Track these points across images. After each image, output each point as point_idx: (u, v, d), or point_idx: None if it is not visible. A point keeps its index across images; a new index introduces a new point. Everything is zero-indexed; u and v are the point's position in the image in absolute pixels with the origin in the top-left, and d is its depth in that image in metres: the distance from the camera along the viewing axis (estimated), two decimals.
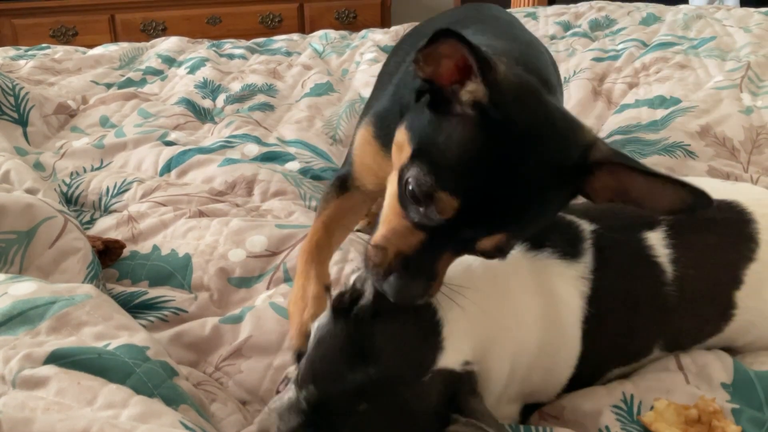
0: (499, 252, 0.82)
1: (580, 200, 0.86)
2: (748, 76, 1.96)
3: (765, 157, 1.58)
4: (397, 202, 0.81)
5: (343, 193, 1.16)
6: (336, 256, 1.35)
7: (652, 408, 0.93)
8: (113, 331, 0.91)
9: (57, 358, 0.82)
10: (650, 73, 2.15)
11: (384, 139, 1.06)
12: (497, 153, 0.76)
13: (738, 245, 1.02)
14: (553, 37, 2.69)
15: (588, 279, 0.95)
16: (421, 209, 0.78)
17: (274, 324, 1.17)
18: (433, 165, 0.77)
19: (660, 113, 1.81)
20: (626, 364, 1.01)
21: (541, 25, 2.85)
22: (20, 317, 0.89)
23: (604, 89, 2.12)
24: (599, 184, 0.79)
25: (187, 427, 0.77)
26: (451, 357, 0.83)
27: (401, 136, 0.83)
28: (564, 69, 2.30)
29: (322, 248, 1.11)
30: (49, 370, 0.80)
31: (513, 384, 0.94)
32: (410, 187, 0.78)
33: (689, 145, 1.58)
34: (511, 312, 0.92)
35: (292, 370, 0.95)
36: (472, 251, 0.83)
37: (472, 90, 0.76)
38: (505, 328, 0.91)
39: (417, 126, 0.81)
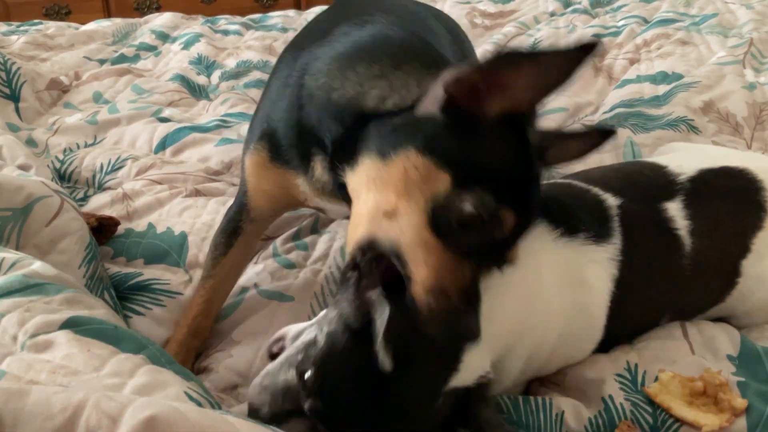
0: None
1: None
2: (751, 52, 1.94)
3: None
4: (432, 234, 0.74)
5: (234, 240, 1.12)
6: (325, 236, 1.36)
7: (656, 379, 0.92)
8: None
9: (73, 325, 0.82)
10: (651, 49, 2.13)
11: (283, 159, 1.01)
12: (528, 154, 0.79)
13: (748, 214, 1.02)
14: (552, 14, 2.66)
15: (617, 260, 0.94)
16: (475, 234, 0.74)
17: (264, 310, 1.17)
18: (487, 184, 0.74)
19: (662, 89, 1.80)
20: (634, 336, 1.00)
21: (541, 1, 2.82)
22: (36, 287, 0.88)
23: (604, 65, 2.09)
24: (552, 157, 0.91)
25: (191, 398, 0.76)
26: (465, 376, 0.80)
27: (417, 162, 0.75)
28: (564, 46, 2.27)
29: (198, 333, 1.11)
30: (63, 335, 0.80)
31: (528, 371, 0.93)
32: (468, 214, 0.73)
33: (692, 120, 1.57)
34: (540, 309, 0.90)
35: (286, 331, 0.93)
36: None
37: (504, 102, 0.75)
38: (531, 327, 0.89)
39: (442, 148, 0.76)
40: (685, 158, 1.10)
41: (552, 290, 0.91)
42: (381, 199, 0.77)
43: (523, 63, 0.71)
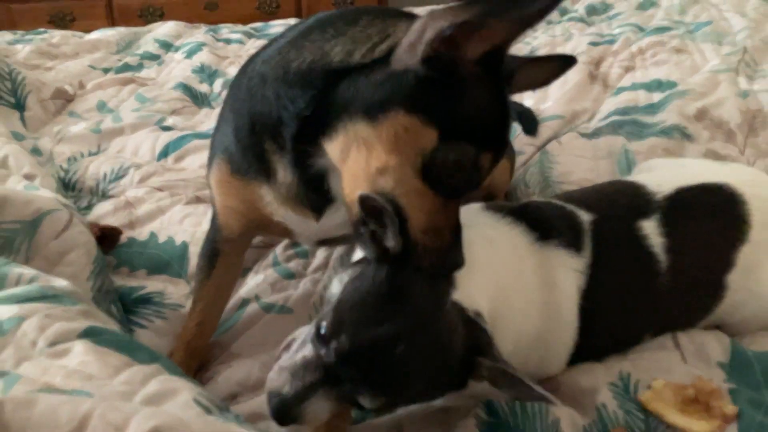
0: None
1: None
2: (745, 60, 1.96)
3: (761, 140, 1.58)
4: (423, 183, 0.80)
5: (215, 261, 1.12)
6: None
7: (649, 387, 0.93)
8: None
9: (92, 334, 0.83)
10: (647, 57, 2.15)
11: (243, 169, 0.99)
12: (501, 93, 0.84)
13: (730, 228, 1.02)
14: (549, 22, 2.68)
15: (584, 274, 0.95)
16: (459, 179, 0.81)
17: (263, 322, 1.19)
18: (470, 132, 0.80)
19: (657, 96, 1.81)
20: (617, 352, 1.02)
21: None
22: (54, 297, 0.90)
23: (600, 73, 2.11)
24: (515, 86, 0.93)
25: (200, 404, 0.77)
26: (462, 294, 0.83)
27: (406, 122, 0.79)
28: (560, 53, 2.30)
29: (195, 355, 1.11)
30: (81, 345, 0.81)
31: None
32: (453, 164, 0.80)
33: (686, 127, 1.58)
34: (523, 296, 0.93)
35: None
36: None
37: (485, 44, 0.78)
38: (514, 309, 0.91)
39: (428, 104, 0.79)
40: (665, 176, 1.12)
41: (532, 285, 0.93)
42: (372, 158, 0.81)
43: (508, 12, 0.74)
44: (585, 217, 1.00)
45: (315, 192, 0.95)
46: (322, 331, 0.81)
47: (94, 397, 0.73)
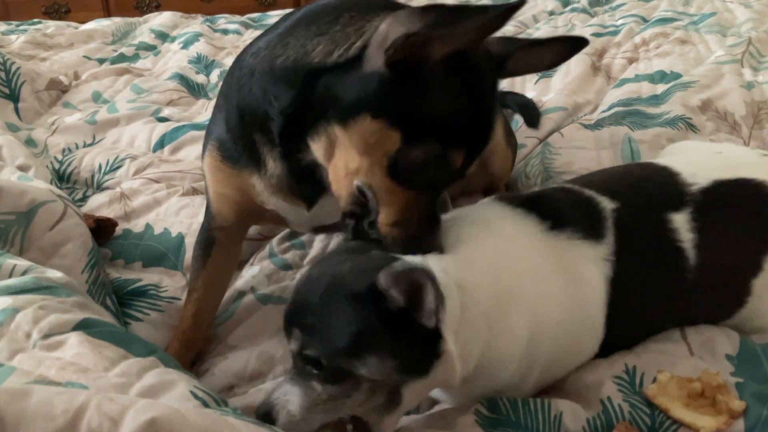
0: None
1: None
2: (749, 51, 1.95)
3: (766, 132, 1.56)
4: (391, 180, 0.86)
5: (210, 251, 1.12)
6: (321, 234, 1.37)
7: (654, 380, 0.92)
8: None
9: (86, 326, 0.83)
10: (650, 48, 2.14)
11: (233, 157, 1.02)
12: (474, 89, 0.85)
13: (762, 230, 0.98)
14: (551, 13, 2.67)
15: (611, 261, 0.92)
16: (428, 174, 0.85)
17: (260, 314, 1.18)
18: (433, 132, 0.83)
19: (660, 88, 1.80)
20: (633, 345, 0.99)
21: (540, 0, 2.82)
22: (49, 289, 0.90)
23: (603, 64, 2.10)
24: (511, 68, 0.94)
25: (196, 397, 0.77)
26: (434, 265, 0.82)
27: (372, 127, 0.83)
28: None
29: (191, 346, 1.11)
30: (75, 337, 0.81)
31: (534, 370, 0.91)
32: (420, 161, 0.84)
33: (691, 118, 1.57)
34: (535, 280, 0.89)
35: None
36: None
37: (447, 47, 0.79)
38: (522, 288, 0.88)
39: (391, 108, 0.82)
40: (699, 163, 1.06)
41: (545, 271, 0.91)
42: (348, 159, 0.87)
43: (459, 23, 0.76)
44: (606, 204, 0.96)
45: (306, 183, 0.98)
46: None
47: (89, 389, 0.72)
